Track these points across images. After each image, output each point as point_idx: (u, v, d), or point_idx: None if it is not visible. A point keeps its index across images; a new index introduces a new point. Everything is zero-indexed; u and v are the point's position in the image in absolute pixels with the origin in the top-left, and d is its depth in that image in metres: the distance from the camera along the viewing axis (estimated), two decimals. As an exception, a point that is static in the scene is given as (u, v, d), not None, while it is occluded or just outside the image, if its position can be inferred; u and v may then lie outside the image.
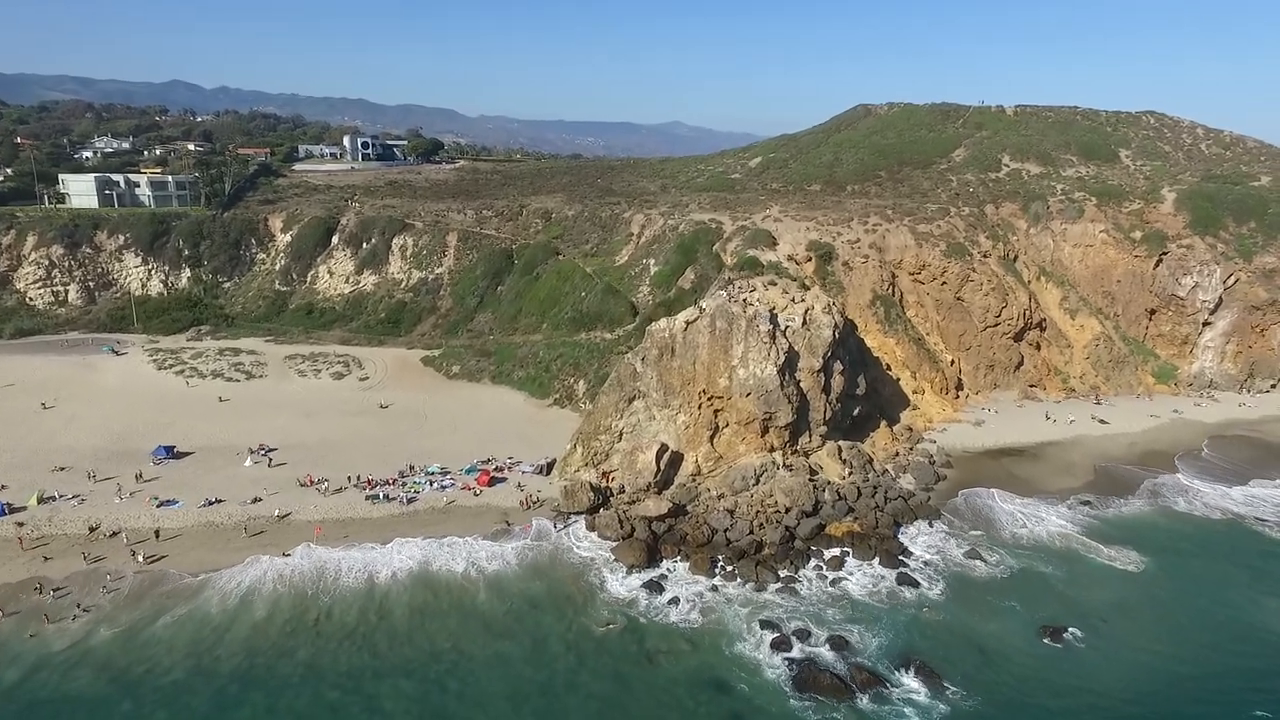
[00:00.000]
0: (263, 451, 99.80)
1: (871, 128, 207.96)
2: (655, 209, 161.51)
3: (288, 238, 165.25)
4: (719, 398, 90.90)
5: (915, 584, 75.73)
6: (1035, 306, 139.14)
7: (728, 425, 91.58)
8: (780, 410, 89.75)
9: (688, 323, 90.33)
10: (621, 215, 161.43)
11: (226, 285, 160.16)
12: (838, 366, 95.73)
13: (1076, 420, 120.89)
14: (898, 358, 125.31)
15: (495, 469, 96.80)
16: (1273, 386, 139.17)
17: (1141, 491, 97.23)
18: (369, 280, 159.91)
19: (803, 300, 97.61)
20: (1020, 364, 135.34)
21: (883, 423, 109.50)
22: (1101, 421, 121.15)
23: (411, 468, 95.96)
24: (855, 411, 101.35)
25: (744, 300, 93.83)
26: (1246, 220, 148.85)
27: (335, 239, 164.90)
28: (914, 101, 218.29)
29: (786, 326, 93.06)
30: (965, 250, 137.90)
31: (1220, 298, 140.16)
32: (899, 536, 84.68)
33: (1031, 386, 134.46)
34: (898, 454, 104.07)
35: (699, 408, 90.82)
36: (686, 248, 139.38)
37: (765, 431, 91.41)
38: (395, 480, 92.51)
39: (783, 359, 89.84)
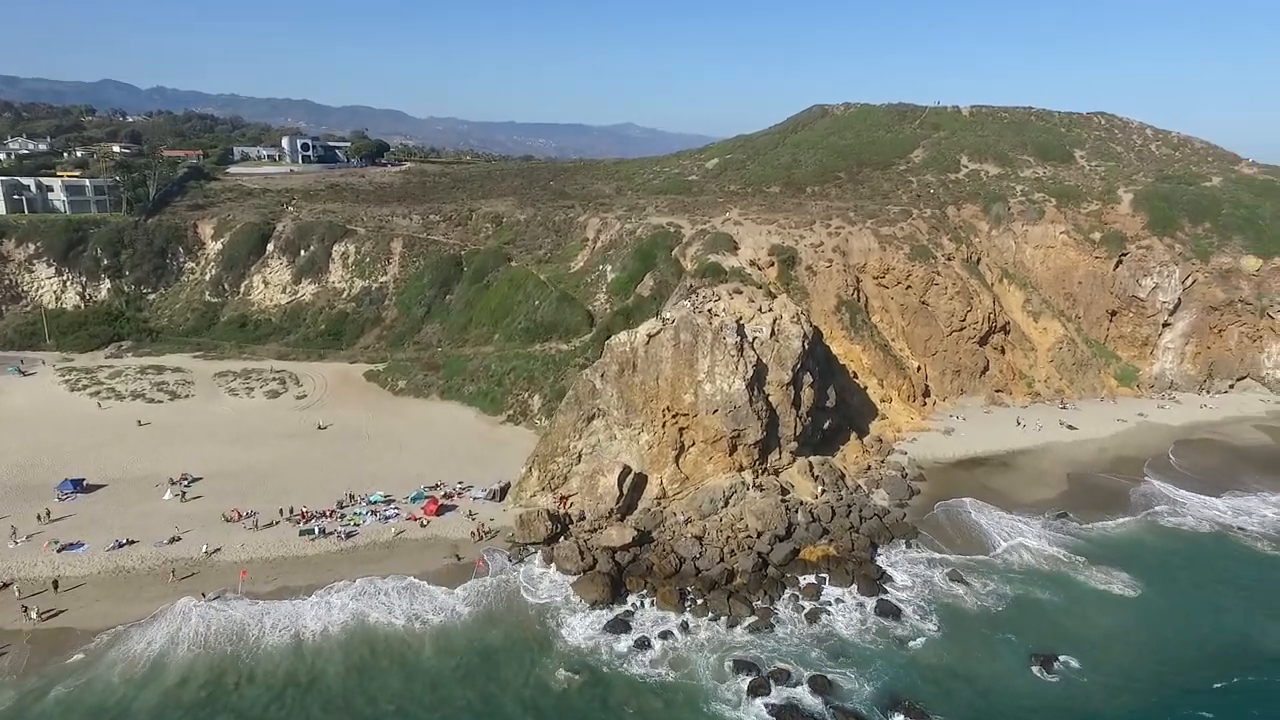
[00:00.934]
0: (185, 482, 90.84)
1: (829, 128, 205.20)
2: (611, 212, 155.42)
3: (219, 245, 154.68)
4: (684, 415, 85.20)
5: (897, 613, 71.01)
6: (999, 310, 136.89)
7: (694, 444, 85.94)
8: (749, 427, 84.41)
9: (650, 336, 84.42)
10: (576, 219, 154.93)
11: (151, 297, 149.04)
12: (807, 379, 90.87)
13: (1045, 426, 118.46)
14: (864, 365, 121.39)
15: (444, 495, 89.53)
16: (1230, 387, 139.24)
17: (1125, 505, 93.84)
18: (308, 290, 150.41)
19: (770, 309, 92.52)
20: (986, 369, 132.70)
21: (852, 434, 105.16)
22: (1070, 427, 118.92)
23: (351, 497, 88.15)
24: (825, 424, 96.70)
25: (709, 311, 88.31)
26: (1201, 221, 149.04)
27: (271, 246, 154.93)
28: (870, 102, 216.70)
29: (754, 338, 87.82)
30: (929, 253, 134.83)
31: (1179, 299, 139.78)
32: (877, 559, 79.99)
33: (998, 391, 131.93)
34: (869, 467, 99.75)
35: (663, 426, 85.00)
36: (645, 253, 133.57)
37: (734, 450, 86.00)
38: (333, 512, 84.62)
39: (751, 372, 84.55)
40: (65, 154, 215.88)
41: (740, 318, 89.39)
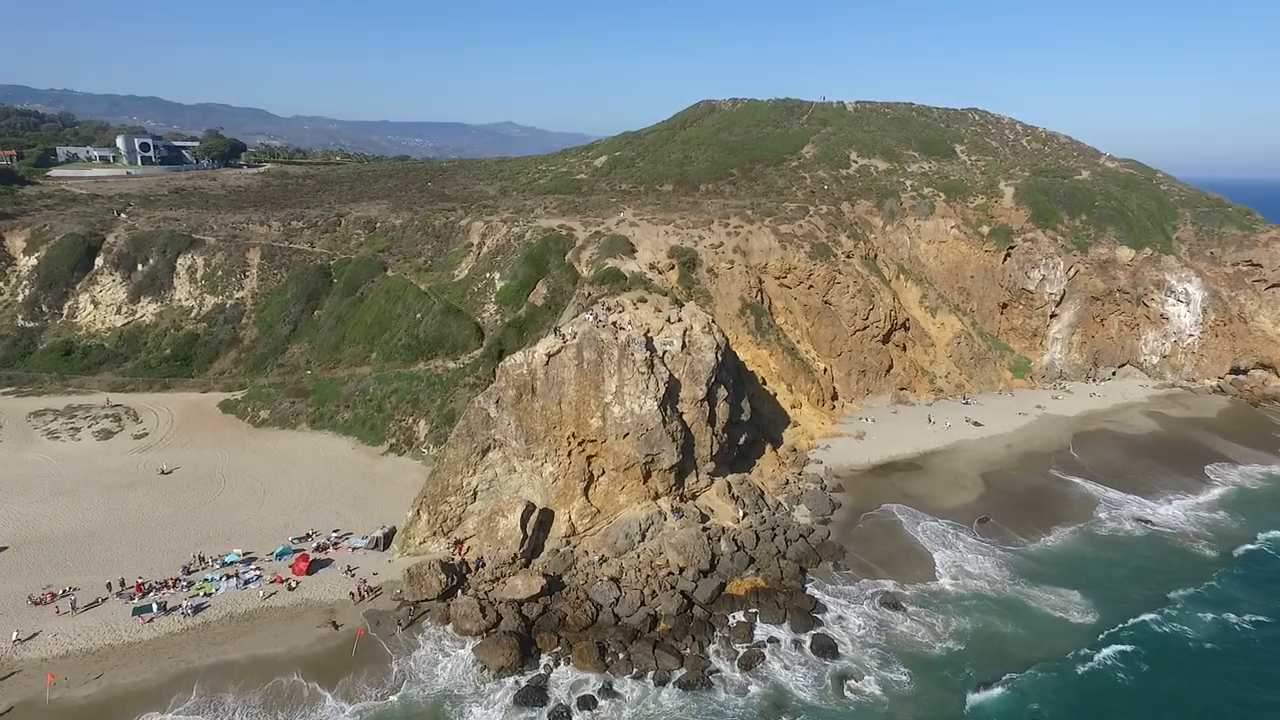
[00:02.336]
0: (-17, 555, 73.90)
1: (718, 124, 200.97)
2: (496, 215, 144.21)
3: (33, 260, 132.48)
4: (591, 441, 76.29)
5: (835, 650, 65.04)
6: (899, 306, 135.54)
7: (604, 473, 77.19)
8: (664, 450, 76.50)
9: (549, 355, 74.89)
10: (458, 223, 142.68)
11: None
12: (722, 392, 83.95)
13: (953, 424, 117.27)
14: (772, 370, 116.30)
15: (317, 548, 76.86)
16: (1113, 374, 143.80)
17: (1049, 511, 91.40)
18: (148, 310, 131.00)
19: (679, 319, 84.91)
20: (890, 367, 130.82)
21: (767, 446, 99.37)
22: (976, 424, 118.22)
23: (201, 559, 74.12)
24: (741, 439, 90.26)
25: (613, 324, 79.66)
26: (1078, 213, 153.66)
27: (100, 260, 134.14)
28: (758, 97, 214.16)
29: (664, 351, 79.96)
30: (829, 251, 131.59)
31: (1064, 290, 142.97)
32: (808, 588, 73.92)
33: (902, 390, 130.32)
34: (787, 481, 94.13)
35: (569, 455, 75.78)
36: (535, 258, 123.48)
37: (648, 477, 77.91)
38: (177, 581, 70.49)
39: (663, 391, 76.66)
40: None
41: (648, 330, 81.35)
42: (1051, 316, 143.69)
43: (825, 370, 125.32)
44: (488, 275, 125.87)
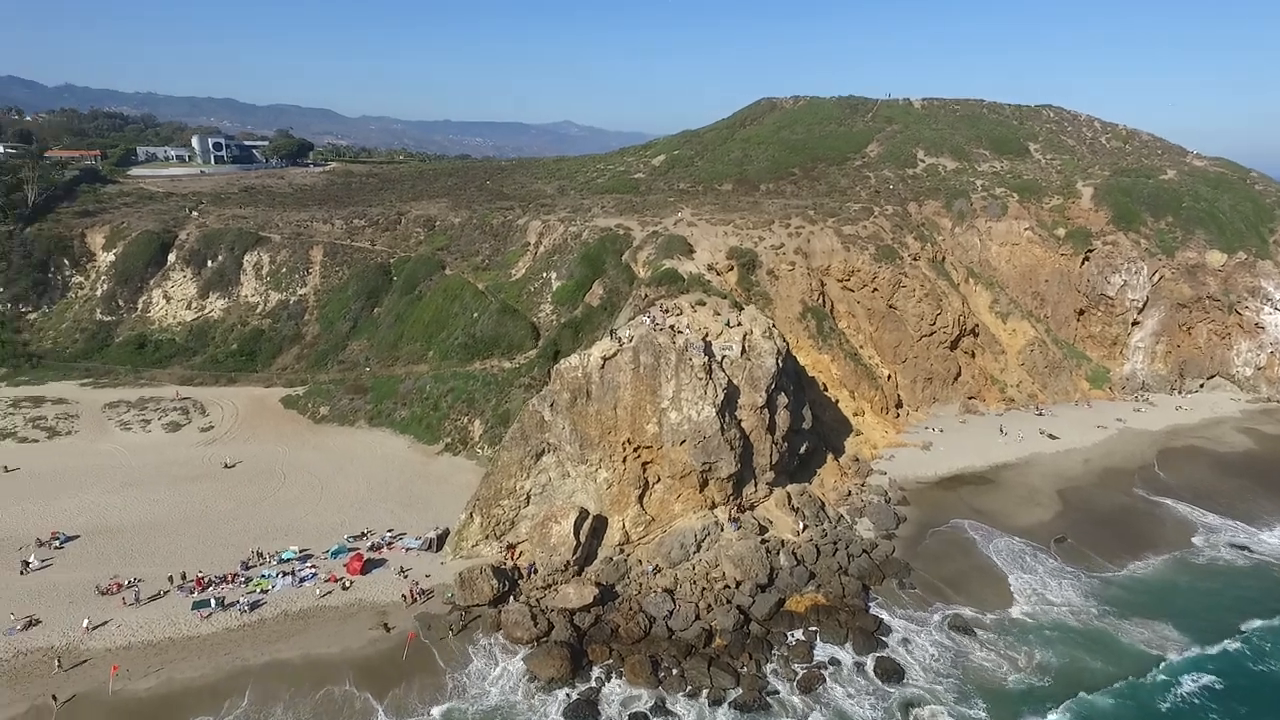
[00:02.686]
0: (55, 543, 75.95)
1: (778, 122, 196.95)
2: (554, 214, 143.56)
3: (111, 256, 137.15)
4: (647, 448, 74.36)
5: (901, 675, 61.66)
6: (968, 311, 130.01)
7: (659, 480, 75.18)
8: (722, 459, 74.08)
9: (605, 358, 73.22)
10: (515, 222, 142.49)
11: (32, 316, 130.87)
12: (782, 399, 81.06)
13: (1026, 436, 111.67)
14: (834, 376, 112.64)
15: (371, 548, 76.83)
16: (1200, 386, 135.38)
17: (1137, 533, 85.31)
18: (216, 305, 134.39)
19: (739, 323, 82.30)
20: (958, 375, 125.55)
21: (828, 456, 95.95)
22: (1051, 436, 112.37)
23: (259, 555, 74.72)
24: (802, 448, 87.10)
25: (670, 327, 77.53)
26: (1164, 215, 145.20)
27: (172, 257, 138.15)
28: (820, 95, 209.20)
29: (723, 356, 77.52)
30: (895, 253, 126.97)
31: (1148, 296, 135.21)
32: (871, 607, 70.61)
33: (970, 399, 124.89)
34: (849, 493, 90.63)
35: (623, 461, 74.02)
36: (592, 258, 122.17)
37: (704, 485, 75.61)
38: (235, 576, 71.11)
39: (721, 397, 74.23)
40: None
41: (706, 333, 78.98)
42: (1133, 324, 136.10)
43: (889, 377, 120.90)
44: (544, 275, 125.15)
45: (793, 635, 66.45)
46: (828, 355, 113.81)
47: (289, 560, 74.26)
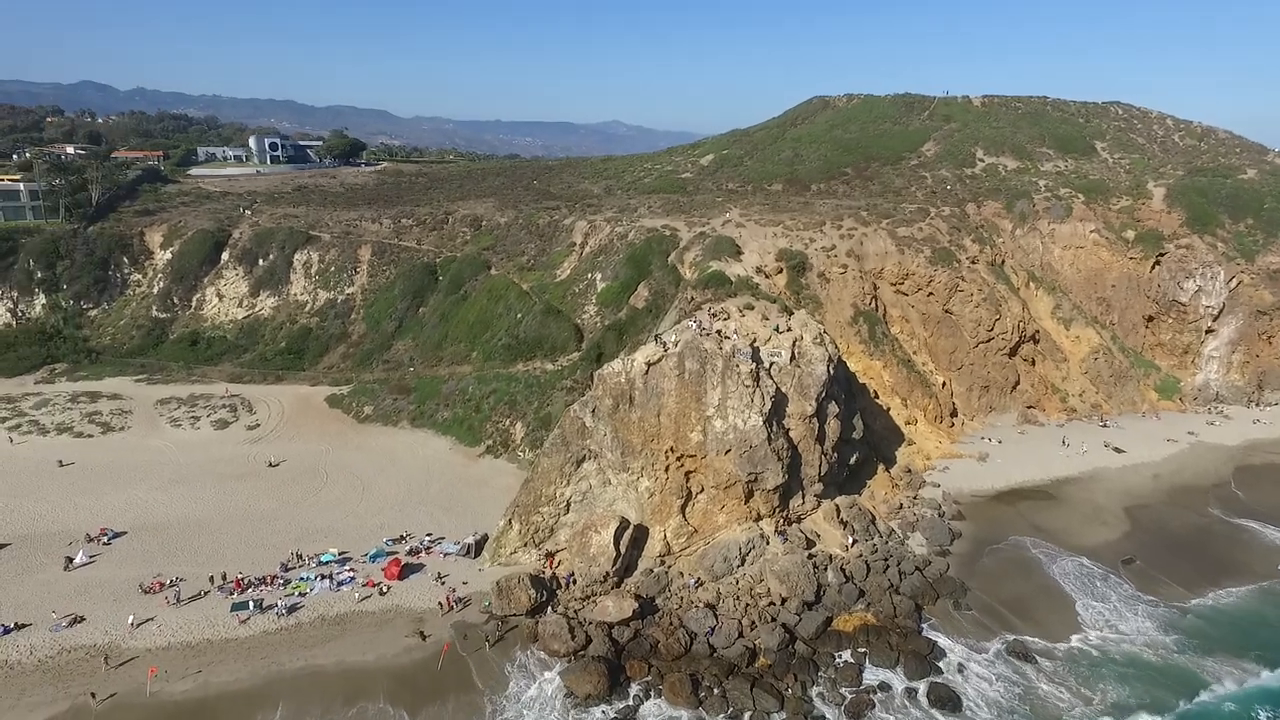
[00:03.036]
0: (105, 539, 76.92)
1: (831, 121, 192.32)
2: (600, 214, 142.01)
3: (168, 255, 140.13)
4: (691, 457, 71.98)
5: (956, 704, 58.22)
6: (1028, 317, 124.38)
7: (702, 490, 72.74)
8: (768, 469, 71.31)
9: (649, 364, 71.06)
10: (562, 222, 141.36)
11: (92, 313, 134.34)
12: (832, 408, 77.85)
13: (1089, 449, 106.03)
14: (885, 384, 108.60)
15: (409, 552, 76.04)
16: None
17: (1216, 558, 79.59)
18: (266, 303, 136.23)
19: (788, 328, 79.30)
20: (1017, 384, 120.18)
21: (879, 466, 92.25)
22: (1117, 449, 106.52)
23: (299, 557, 74.46)
24: (852, 459, 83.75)
25: (717, 332, 74.99)
26: (1243, 217, 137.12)
27: (226, 255, 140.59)
28: (874, 93, 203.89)
29: (771, 363, 74.69)
30: (952, 256, 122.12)
31: (1224, 302, 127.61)
32: (924, 629, 67.13)
33: (1029, 408, 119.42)
34: (901, 506, 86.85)
35: (666, 470, 71.76)
36: (638, 259, 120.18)
37: (749, 496, 72.91)
38: (274, 578, 70.85)
39: (769, 405, 71.43)
40: (15, 155, 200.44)
41: (754, 339, 76.20)
42: (1207, 332, 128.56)
43: (944, 385, 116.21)
44: (589, 276, 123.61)
45: (840, 656, 63.47)
46: (879, 361, 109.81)
47: (328, 563, 73.78)
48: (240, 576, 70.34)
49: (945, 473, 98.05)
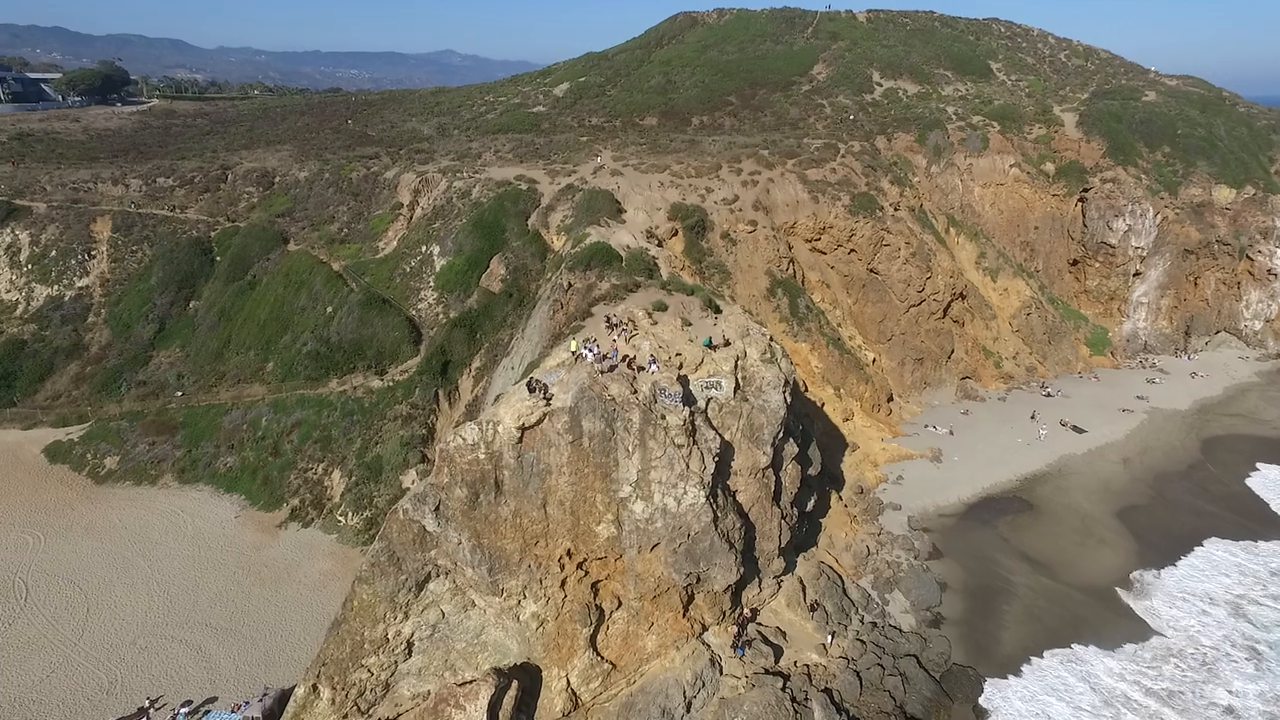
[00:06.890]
0: None
1: (703, 40, 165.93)
2: (433, 163, 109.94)
3: None
4: (599, 560, 46.23)
5: None
6: (957, 270, 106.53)
7: (619, 607, 47.40)
8: (716, 563, 46.90)
9: (523, 428, 43.80)
10: (383, 175, 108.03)
11: None
12: (789, 449, 54.15)
13: (1047, 431, 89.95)
14: (814, 371, 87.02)
15: (150, 741, 46.51)
16: (1205, 344, 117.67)
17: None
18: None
19: (724, 339, 53.88)
20: (952, 353, 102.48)
21: (831, 495, 70.46)
22: (1075, 429, 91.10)
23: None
24: (809, 504, 61.06)
25: (625, 361, 48.40)
26: (1159, 145, 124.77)
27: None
28: (749, 7, 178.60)
29: (709, 400, 49.42)
30: (874, 203, 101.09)
31: (1152, 242, 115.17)
32: (957, 781, 46.10)
33: (965, 379, 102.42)
34: (868, 551, 65.71)
35: (562, 585, 45.69)
36: (487, 224, 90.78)
37: (689, 603, 48.39)
38: None
39: (711, 468, 46.53)
40: None
41: (680, 363, 50.44)
42: (1134, 275, 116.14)
43: (874, 360, 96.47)
44: (424, 249, 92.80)
45: None
46: (806, 343, 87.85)
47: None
48: None
49: (900, 485, 78.37)
